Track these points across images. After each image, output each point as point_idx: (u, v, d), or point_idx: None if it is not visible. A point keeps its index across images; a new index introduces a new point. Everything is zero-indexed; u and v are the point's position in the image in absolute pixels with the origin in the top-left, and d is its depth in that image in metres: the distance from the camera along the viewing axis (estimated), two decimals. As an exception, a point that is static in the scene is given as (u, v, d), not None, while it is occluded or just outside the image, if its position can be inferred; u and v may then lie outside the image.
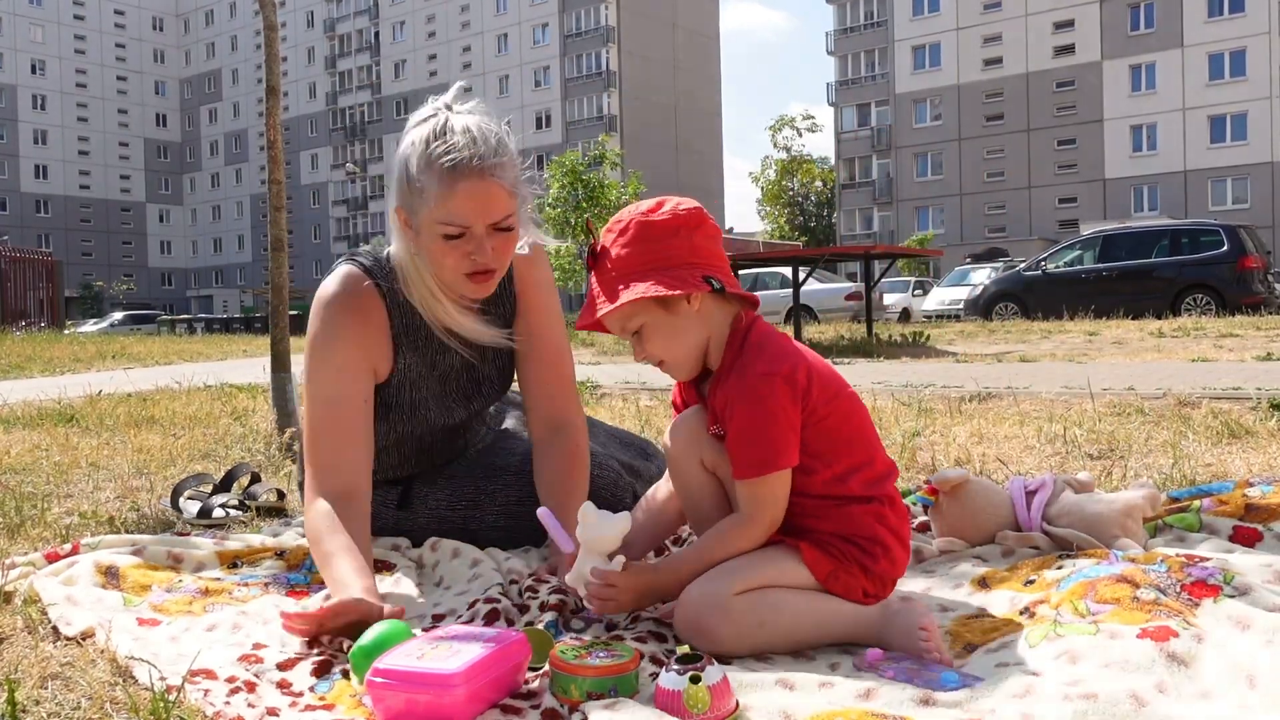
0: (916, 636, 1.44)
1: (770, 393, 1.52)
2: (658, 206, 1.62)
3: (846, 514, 1.57)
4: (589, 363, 8.81)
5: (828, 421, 1.56)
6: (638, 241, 1.59)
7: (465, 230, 1.73)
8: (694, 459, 1.66)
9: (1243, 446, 3.06)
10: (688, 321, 1.61)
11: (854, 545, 1.56)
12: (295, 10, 75.58)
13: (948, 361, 7.56)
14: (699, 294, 1.58)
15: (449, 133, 1.72)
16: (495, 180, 1.72)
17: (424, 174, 1.71)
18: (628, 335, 1.64)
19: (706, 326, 1.62)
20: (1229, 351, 7.25)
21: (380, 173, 70.80)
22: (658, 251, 1.58)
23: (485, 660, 1.28)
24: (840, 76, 56.84)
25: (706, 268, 1.59)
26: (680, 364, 1.64)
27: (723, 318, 1.63)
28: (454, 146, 1.70)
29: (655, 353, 1.63)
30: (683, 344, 1.62)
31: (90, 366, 9.86)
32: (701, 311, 1.61)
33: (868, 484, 1.59)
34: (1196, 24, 45.39)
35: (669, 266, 1.57)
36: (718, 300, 1.62)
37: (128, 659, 1.45)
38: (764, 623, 1.49)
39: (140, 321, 41.47)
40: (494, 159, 1.73)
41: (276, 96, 3.92)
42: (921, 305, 24.47)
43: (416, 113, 1.80)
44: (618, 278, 1.58)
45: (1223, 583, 1.53)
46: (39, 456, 3.62)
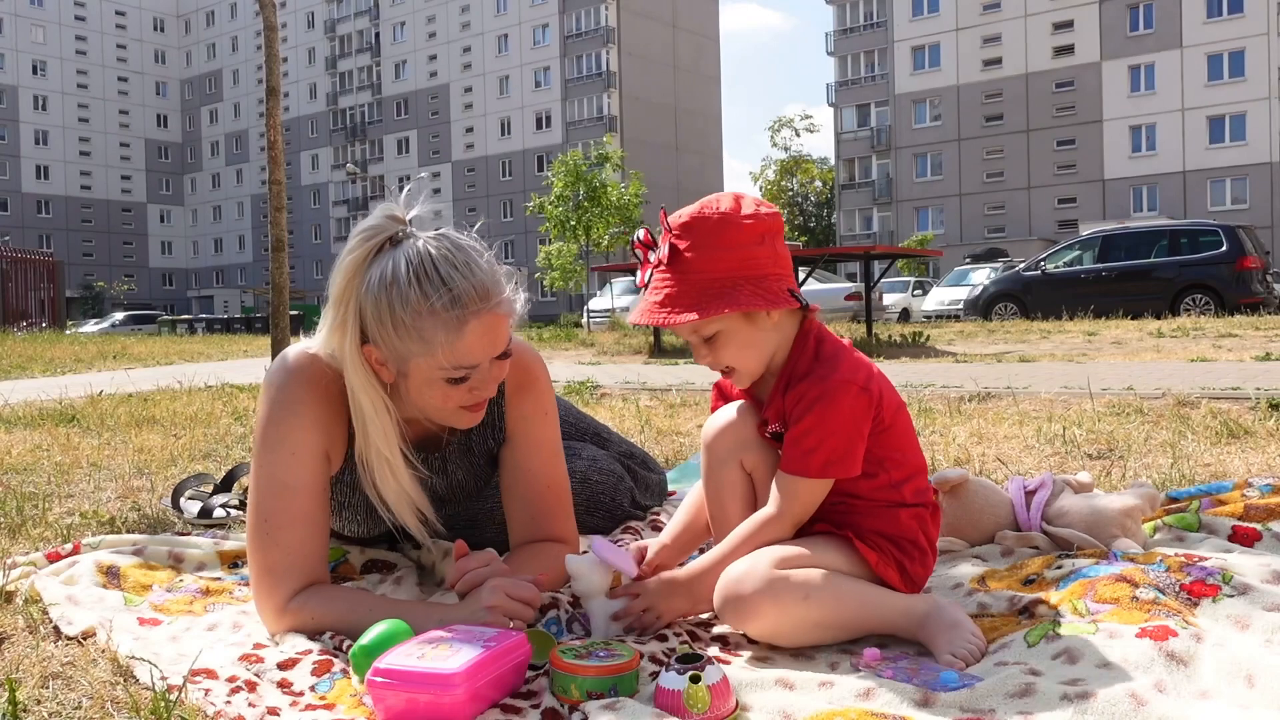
0: (968, 637, 1.44)
1: (850, 400, 1.52)
2: (738, 205, 1.54)
3: (894, 516, 1.58)
4: (589, 363, 8.81)
5: (893, 431, 1.58)
6: (729, 246, 1.51)
7: (473, 370, 1.56)
8: (734, 458, 1.64)
9: (1241, 446, 3.06)
10: (765, 332, 1.57)
11: (894, 545, 1.58)
12: (296, 11, 75.57)
13: (947, 361, 7.56)
14: (779, 308, 1.54)
15: (442, 271, 1.49)
16: (502, 312, 1.54)
17: (421, 320, 1.48)
18: (696, 339, 1.58)
19: (778, 336, 1.59)
20: (1228, 351, 7.25)
21: (381, 173, 70.85)
22: (745, 258, 1.51)
23: (485, 660, 1.28)
24: (840, 77, 56.83)
25: (788, 278, 1.55)
26: (750, 372, 1.61)
27: (791, 326, 1.61)
28: (457, 289, 1.49)
29: (727, 360, 1.58)
30: (757, 354, 1.58)
31: (91, 367, 9.86)
32: (778, 323, 1.57)
33: (918, 492, 1.61)
34: (1195, 24, 45.38)
35: (758, 276, 1.51)
36: (791, 311, 1.59)
37: (129, 658, 1.46)
38: (809, 595, 1.44)
39: (141, 322, 41.47)
40: (498, 290, 1.54)
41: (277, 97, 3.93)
42: (921, 305, 24.49)
43: (368, 231, 1.54)
44: (703, 283, 1.50)
45: (1221, 582, 1.53)
46: (40, 456, 3.62)
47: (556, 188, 34.12)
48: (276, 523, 1.60)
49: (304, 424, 1.62)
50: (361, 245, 1.53)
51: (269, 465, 1.61)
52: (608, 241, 35.08)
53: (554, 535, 1.81)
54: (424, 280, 1.48)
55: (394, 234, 1.54)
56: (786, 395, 1.57)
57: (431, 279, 1.49)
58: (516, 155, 65.32)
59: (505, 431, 1.81)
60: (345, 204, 74.05)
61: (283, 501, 1.60)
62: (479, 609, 1.51)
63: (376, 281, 1.50)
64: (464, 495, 1.91)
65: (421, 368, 1.53)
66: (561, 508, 1.84)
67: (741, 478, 1.65)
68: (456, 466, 1.85)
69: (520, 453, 1.81)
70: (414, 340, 1.50)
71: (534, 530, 1.81)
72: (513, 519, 1.82)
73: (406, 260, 1.50)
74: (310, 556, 1.62)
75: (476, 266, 1.52)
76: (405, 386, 1.57)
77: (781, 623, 1.45)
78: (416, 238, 1.53)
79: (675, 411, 4.60)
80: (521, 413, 1.80)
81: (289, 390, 1.63)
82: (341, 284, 1.53)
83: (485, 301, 1.51)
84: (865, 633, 1.51)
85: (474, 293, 1.50)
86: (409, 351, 1.51)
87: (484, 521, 1.99)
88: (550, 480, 1.83)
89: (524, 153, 64.95)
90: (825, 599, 1.46)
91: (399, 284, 1.49)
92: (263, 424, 1.64)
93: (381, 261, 1.51)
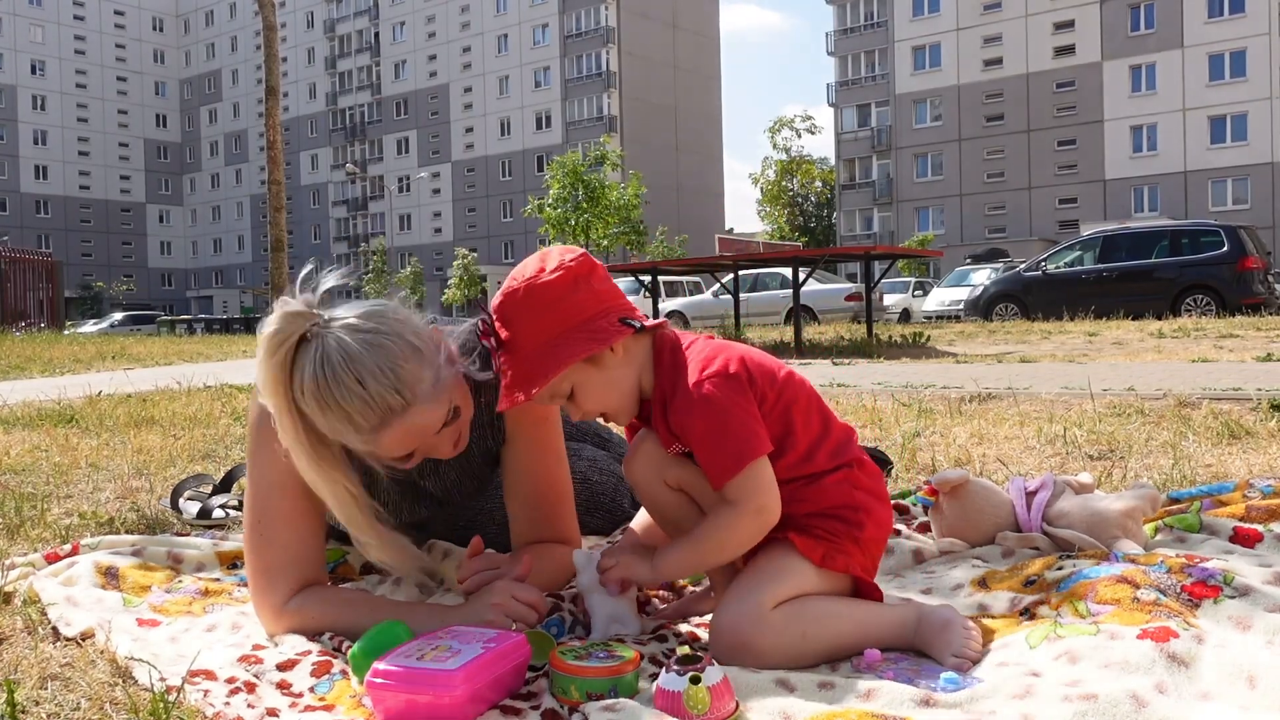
0: (962, 636, 1.43)
1: (715, 392, 1.50)
2: (541, 266, 1.53)
3: (820, 489, 1.55)
4: (589, 363, 8.80)
5: (779, 405, 1.54)
6: (541, 309, 1.50)
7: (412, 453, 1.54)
8: (657, 481, 1.61)
9: (1243, 447, 3.06)
10: (617, 369, 1.55)
11: (837, 520, 1.54)
12: (295, 11, 75.62)
13: (948, 362, 7.56)
14: (620, 340, 1.53)
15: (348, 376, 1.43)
16: (422, 417, 1.49)
17: (348, 422, 1.45)
18: (559, 401, 1.57)
19: (634, 367, 1.57)
20: (1229, 352, 7.25)
21: (380, 173, 70.93)
22: (563, 314, 1.50)
23: (485, 661, 1.28)
24: (840, 77, 56.86)
25: (617, 310, 1.54)
26: (622, 409, 1.60)
27: (642, 350, 1.59)
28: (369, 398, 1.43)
29: (594, 409, 1.58)
30: (618, 392, 1.57)
31: (90, 367, 9.86)
32: (627, 353, 1.56)
33: (832, 454, 1.57)
34: (1197, 24, 45.41)
35: (581, 323, 1.51)
36: (637, 339, 1.57)
37: (127, 659, 1.45)
38: (806, 634, 1.46)
39: (140, 322, 41.50)
40: (411, 393, 1.47)
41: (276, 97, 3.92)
42: (921, 306, 24.48)
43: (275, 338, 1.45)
44: (532, 354, 1.49)
45: (1223, 583, 1.53)
46: (39, 457, 3.62)
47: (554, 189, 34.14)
48: (271, 522, 1.60)
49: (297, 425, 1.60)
50: (271, 357, 1.45)
51: (263, 466, 1.60)
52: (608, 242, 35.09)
53: (556, 536, 1.80)
54: (330, 405, 1.43)
55: (303, 333, 1.46)
56: (668, 418, 1.55)
57: (334, 405, 1.43)
58: (516, 155, 65.36)
59: (506, 432, 1.80)
60: (345, 204, 74.14)
61: (278, 502, 1.60)
62: (484, 607, 1.51)
63: (299, 391, 1.45)
64: (462, 495, 1.90)
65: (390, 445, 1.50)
66: (564, 509, 1.83)
67: (676, 496, 1.62)
68: (449, 467, 1.83)
69: (523, 454, 1.79)
70: (352, 435, 1.47)
71: (536, 531, 1.79)
72: (515, 520, 1.81)
73: (314, 364, 1.44)
74: (306, 555, 1.61)
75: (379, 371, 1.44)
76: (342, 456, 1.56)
77: (782, 660, 1.46)
78: (325, 334, 1.46)
79: (675, 412, 4.59)
80: (524, 414, 1.77)
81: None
82: (274, 400, 1.46)
83: (395, 413, 1.46)
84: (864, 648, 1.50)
85: (385, 402, 1.45)
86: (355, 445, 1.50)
87: (483, 522, 1.98)
88: (553, 481, 1.81)
89: (524, 153, 64.99)
90: (822, 632, 1.47)
91: (318, 390, 1.43)
92: (254, 425, 1.63)
93: (299, 367, 1.45)
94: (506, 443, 1.81)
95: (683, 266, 12.86)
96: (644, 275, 12.36)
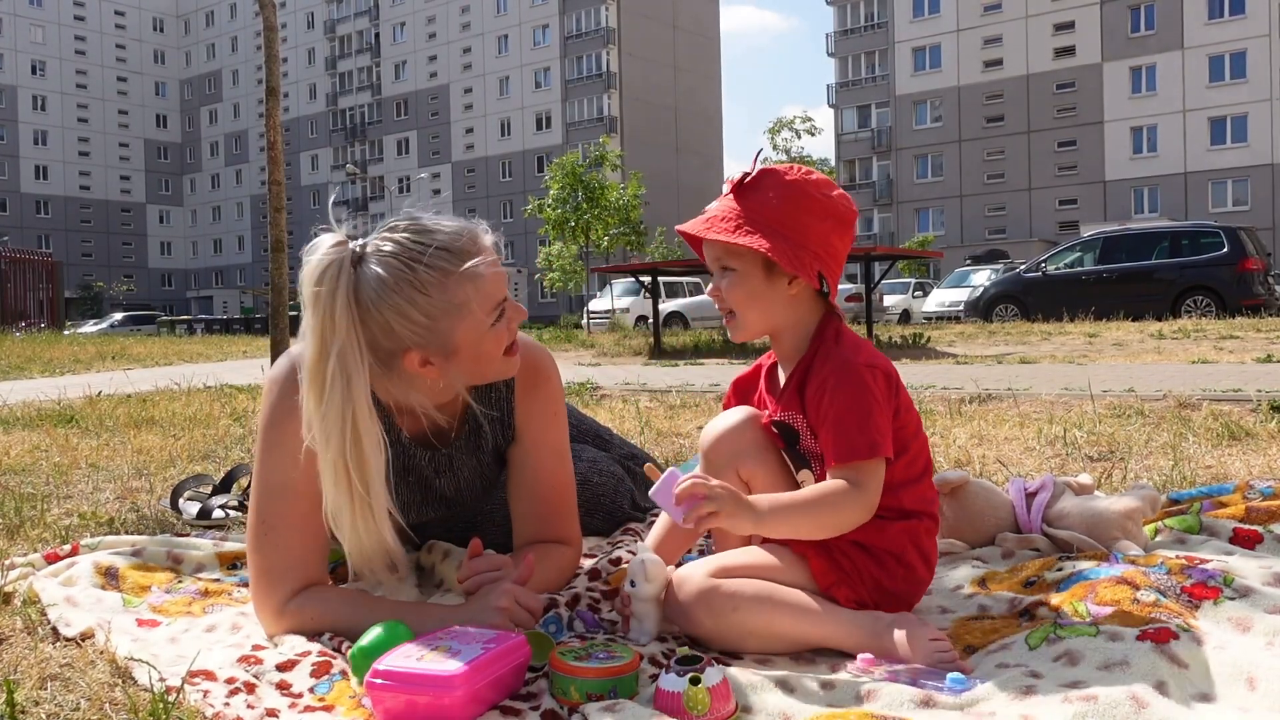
0: (931, 647, 1.41)
1: (874, 382, 1.51)
2: (826, 182, 1.59)
3: (880, 527, 1.53)
4: (589, 364, 8.81)
5: (906, 429, 1.56)
6: (790, 201, 1.54)
7: (505, 300, 1.59)
8: (731, 468, 1.62)
9: (1243, 448, 3.06)
10: (777, 296, 1.57)
11: (871, 558, 1.53)
12: (295, 11, 75.62)
13: (948, 363, 7.56)
14: (801, 281, 1.56)
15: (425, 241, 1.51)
16: (489, 242, 1.59)
17: (446, 291, 1.50)
18: (716, 267, 1.60)
19: (791, 312, 1.59)
20: (1229, 353, 7.25)
21: (381, 173, 70.91)
22: (800, 222, 1.54)
23: (485, 661, 1.28)
24: (840, 78, 56.85)
25: (826, 264, 1.56)
26: (747, 325, 1.61)
27: (810, 314, 1.61)
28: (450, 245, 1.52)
29: (731, 301, 1.59)
30: (760, 310, 1.59)
31: (90, 367, 9.86)
32: (795, 297, 1.58)
33: (920, 500, 1.57)
34: (1197, 26, 45.40)
35: (798, 242, 1.53)
36: (814, 298, 1.60)
37: (127, 660, 1.45)
38: (738, 608, 1.46)
39: (140, 322, 41.48)
40: (474, 226, 1.58)
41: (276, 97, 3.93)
42: (922, 307, 24.48)
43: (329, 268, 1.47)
44: (750, 216, 1.54)
45: (1223, 585, 1.53)
46: (39, 457, 3.62)
47: (553, 190, 34.13)
48: (275, 525, 1.59)
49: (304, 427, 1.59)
50: (333, 281, 1.47)
51: (269, 467, 1.61)
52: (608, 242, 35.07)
53: (558, 536, 1.80)
54: (420, 259, 1.49)
55: (352, 255, 1.51)
56: (806, 387, 1.56)
57: (427, 254, 1.50)
58: (516, 156, 65.35)
59: (515, 429, 1.81)
60: (345, 204, 74.13)
61: (282, 504, 1.60)
62: (488, 608, 1.51)
63: (377, 295, 1.48)
64: (471, 496, 1.90)
65: (468, 330, 1.54)
66: (567, 509, 1.83)
67: (738, 486, 1.60)
68: (463, 464, 1.83)
69: (530, 452, 1.79)
70: (450, 312, 1.51)
71: (539, 530, 1.79)
72: (518, 519, 1.81)
73: (391, 258, 1.50)
74: (309, 558, 1.61)
75: (442, 222, 1.55)
76: (457, 364, 1.57)
77: (716, 630, 1.47)
78: (372, 242, 1.53)
79: (675, 413, 4.60)
80: (532, 411, 1.79)
81: (291, 393, 1.60)
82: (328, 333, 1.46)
83: (476, 239, 1.55)
84: (812, 646, 1.49)
85: (464, 239, 1.53)
86: (451, 325, 1.52)
87: (483, 523, 1.98)
88: (557, 481, 1.82)
89: (524, 153, 64.97)
90: (756, 611, 1.46)
91: (404, 278, 1.49)
92: (264, 427, 1.63)
93: (364, 282, 1.49)
94: (514, 441, 1.81)
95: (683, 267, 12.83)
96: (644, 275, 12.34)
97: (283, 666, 1.44)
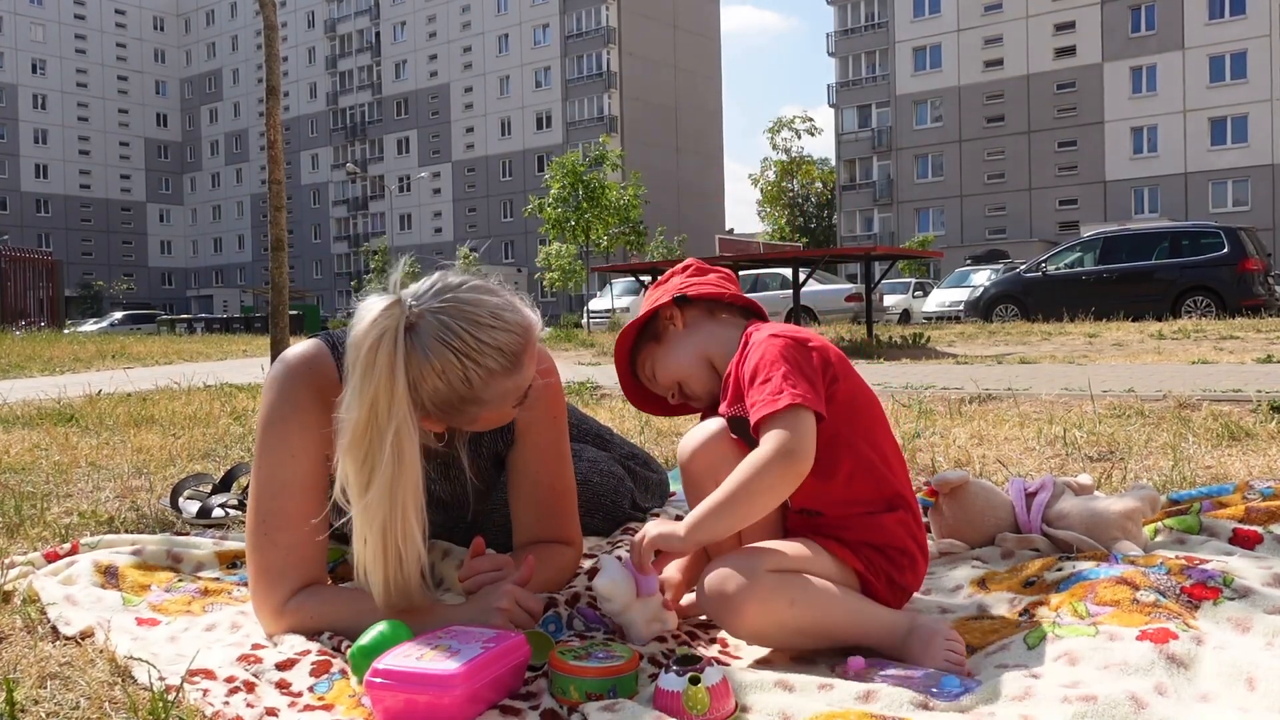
0: (944, 648, 1.41)
1: (780, 344, 1.53)
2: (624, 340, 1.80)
3: (877, 524, 1.54)
4: (589, 363, 8.81)
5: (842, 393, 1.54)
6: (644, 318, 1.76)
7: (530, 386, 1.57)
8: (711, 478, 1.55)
9: (1243, 449, 3.06)
10: (677, 342, 1.70)
11: (882, 555, 1.54)
12: (296, 10, 75.60)
13: (948, 363, 7.56)
14: (668, 309, 1.68)
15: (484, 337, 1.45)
16: (537, 335, 1.55)
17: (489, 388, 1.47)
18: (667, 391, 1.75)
19: (703, 343, 1.69)
20: (1229, 354, 7.25)
21: (381, 173, 70.89)
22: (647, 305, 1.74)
23: (484, 661, 1.28)
24: (841, 78, 56.82)
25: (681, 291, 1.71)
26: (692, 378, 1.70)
27: (724, 332, 1.68)
28: (506, 345, 1.47)
29: (666, 382, 1.71)
30: (678, 362, 1.69)
31: (90, 366, 9.86)
32: (690, 328, 1.68)
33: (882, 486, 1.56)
34: (1197, 26, 45.38)
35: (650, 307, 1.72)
36: (709, 316, 1.68)
37: (127, 659, 1.45)
38: (794, 601, 1.41)
39: (140, 321, 41.45)
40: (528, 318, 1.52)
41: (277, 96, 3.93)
42: (922, 307, 24.48)
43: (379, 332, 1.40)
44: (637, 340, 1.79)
45: (1222, 585, 1.53)
46: (38, 456, 3.62)
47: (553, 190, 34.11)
48: (275, 524, 1.59)
49: (305, 425, 1.60)
50: (384, 349, 1.40)
51: (269, 466, 1.60)
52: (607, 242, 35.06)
53: (559, 537, 1.80)
54: (472, 355, 1.44)
55: (405, 322, 1.43)
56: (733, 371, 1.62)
57: (478, 351, 1.44)
58: (517, 155, 65.33)
59: (515, 433, 1.80)
60: (345, 204, 74.08)
61: (282, 502, 1.59)
62: (489, 609, 1.50)
63: (421, 376, 1.43)
64: (468, 501, 1.89)
65: (490, 413, 1.53)
66: (567, 510, 1.83)
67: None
68: (460, 471, 1.83)
69: (530, 454, 1.79)
70: (485, 405, 1.49)
71: (539, 531, 1.79)
72: (518, 520, 1.81)
73: (444, 345, 1.43)
74: (309, 558, 1.61)
75: (500, 312, 1.47)
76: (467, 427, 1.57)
77: (764, 625, 1.42)
78: (428, 313, 1.44)
79: (675, 412, 4.59)
80: (533, 415, 1.77)
81: (290, 392, 1.62)
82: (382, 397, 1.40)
83: (528, 340, 1.51)
84: (847, 644, 1.47)
85: (518, 338, 1.48)
86: (479, 411, 1.51)
87: (483, 524, 1.98)
88: (558, 483, 1.82)
89: (524, 153, 64.94)
90: (811, 606, 1.42)
91: (451, 368, 1.43)
92: (263, 425, 1.63)
93: (416, 357, 1.42)
94: (515, 442, 1.81)
95: (683, 267, 12.84)
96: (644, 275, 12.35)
97: (282, 665, 1.44)
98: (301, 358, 1.65)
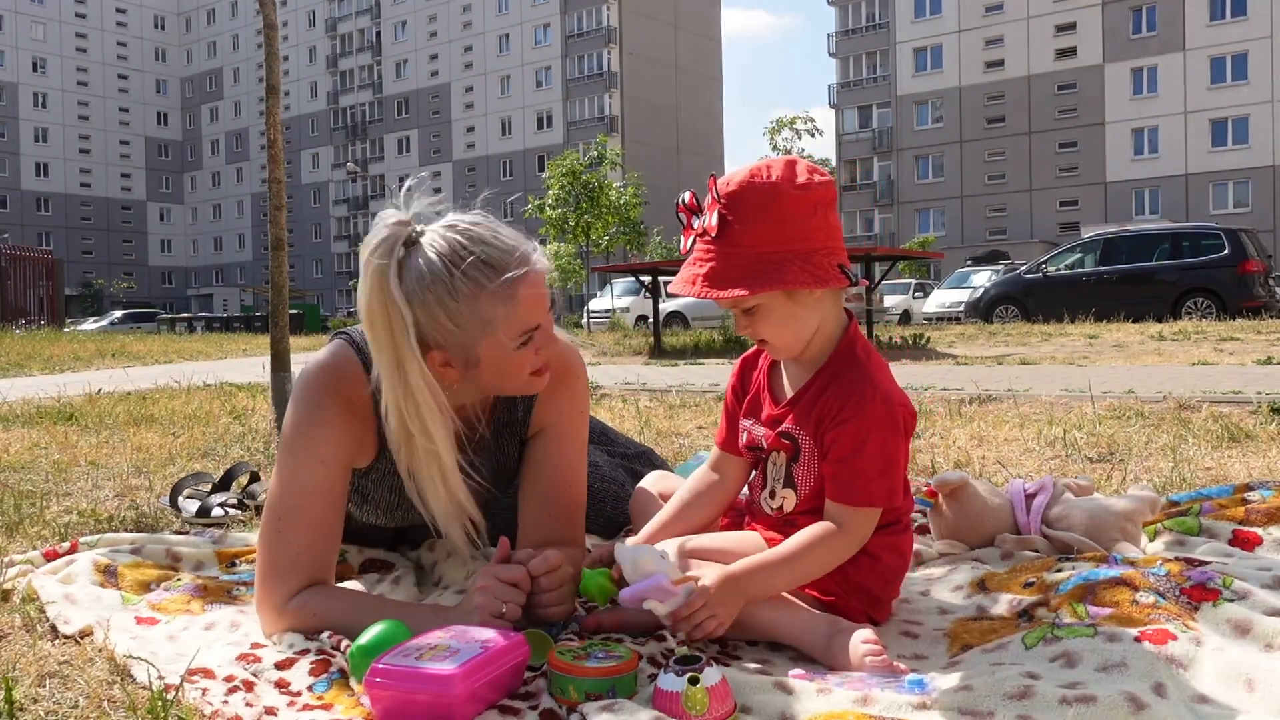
0: (865, 653, 1.41)
1: (897, 431, 1.51)
2: (791, 173, 1.47)
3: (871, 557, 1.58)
4: (589, 363, 8.80)
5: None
6: (774, 220, 1.44)
7: (536, 329, 1.56)
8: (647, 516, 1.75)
9: (1243, 450, 3.06)
10: (807, 309, 1.52)
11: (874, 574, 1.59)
12: (296, 9, 75.60)
13: (948, 364, 7.56)
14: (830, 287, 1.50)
15: (475, 250, 1.49)
16: (540, 268, 1.55)
17: (477, 303, 1.49)
18: (737, 310, 1.54)
19: (821, 314, 1.54)
20: (1229, 355, 7.25)
21: (381, 172, 70.87)
22: (794, 233, 1.44)
23: (483, 660, 1.28)
24: (842, 78, 56.84)
25: (839, 251, 1.49)
26: (786, 347, 1.57)
27: (836, 308, 1.57)
28: (496, 261, 1.50)
29: (765, 334, 1.54)
30: (795, 331, 1.53)
31: (90, 365, 9.86)
32: (820, 299, 1.53)
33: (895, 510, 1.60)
34: (1198, 27, 45.40)
35: (806, 252, 1.45)
36: (833, 294, 1.55)
37: (126, 657, 1.45)
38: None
39: (140, 320, 41.46)
40: (529, 247, 1.55)
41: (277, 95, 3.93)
42: (922, 307, 24.49)
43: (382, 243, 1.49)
44: (749, 257, 1.45)
45: (1222, 587, 1.52)
46: (38, 454, 3.62)
47: (553, 190, 34.10)
48: (292, 521, 1.60)
49: (334, 434, 1.62)
50: (382, 259, 1.48)
51: (293, 468, 1.61)
52: (607, 242, 35.06)
53: (565, 538, 1.77)
54: (462, 265, 1.48)
55: (407, 236, 1.50)
56: (823, 398, 1.54)
57: (468, 261, 1.48)
58: (517, 155, 65.33)
59: (533, 426, 1.80)
60: (345, 203, 74.09)
61: (302, 502, 1.60)
62: (471, 611, 1.50)
63: (416, 287, 1.48)
64: (488, 497, 1.88)
65: (490, 348, 1.53)
66: (577, 510, 1.81)
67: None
68: (483, 464, 1.80)
69: (551, 446, 1.78)
70: (476, 326, 1.50)
71: (548, 529, 1.76)
72: (527, 516, 1.78)
73: (436, 254, 1.49)
74: (317, 560, 1.61)
75: (500, 234, 1.53)
76: (476, 374, 1.57)
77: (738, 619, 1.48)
78: (430, 231, 1.52)
79: (675, 413, 4.60)
80: (558, 407, 1.77)
81: (321, 398, 1.63)
82: (375, 306, 1.48)
83: (525, 263, 1.52)
84: (768, 639, 1.52)
85: (511, 258, 1.51)
86: (474, 338, 1.52)
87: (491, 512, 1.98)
88: (574, 480, 1.80)
89: (525, 153, 64.94)
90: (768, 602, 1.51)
91: (440, 279, 1.48)
92: (291, 430, 1.63)
93: (410, 267, 1.49)
94: (534, 437, 1.80)
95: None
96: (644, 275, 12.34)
97: (281, 665, 1.44)
98: (330, 368, 1.66)
